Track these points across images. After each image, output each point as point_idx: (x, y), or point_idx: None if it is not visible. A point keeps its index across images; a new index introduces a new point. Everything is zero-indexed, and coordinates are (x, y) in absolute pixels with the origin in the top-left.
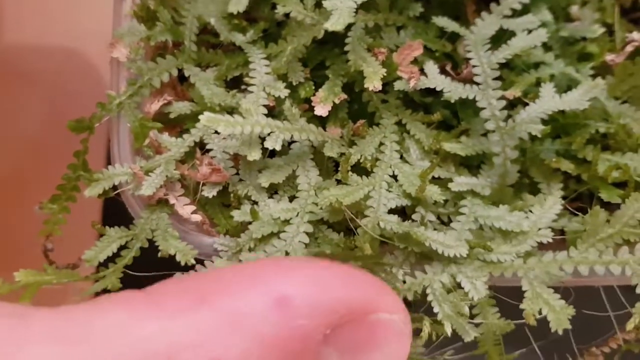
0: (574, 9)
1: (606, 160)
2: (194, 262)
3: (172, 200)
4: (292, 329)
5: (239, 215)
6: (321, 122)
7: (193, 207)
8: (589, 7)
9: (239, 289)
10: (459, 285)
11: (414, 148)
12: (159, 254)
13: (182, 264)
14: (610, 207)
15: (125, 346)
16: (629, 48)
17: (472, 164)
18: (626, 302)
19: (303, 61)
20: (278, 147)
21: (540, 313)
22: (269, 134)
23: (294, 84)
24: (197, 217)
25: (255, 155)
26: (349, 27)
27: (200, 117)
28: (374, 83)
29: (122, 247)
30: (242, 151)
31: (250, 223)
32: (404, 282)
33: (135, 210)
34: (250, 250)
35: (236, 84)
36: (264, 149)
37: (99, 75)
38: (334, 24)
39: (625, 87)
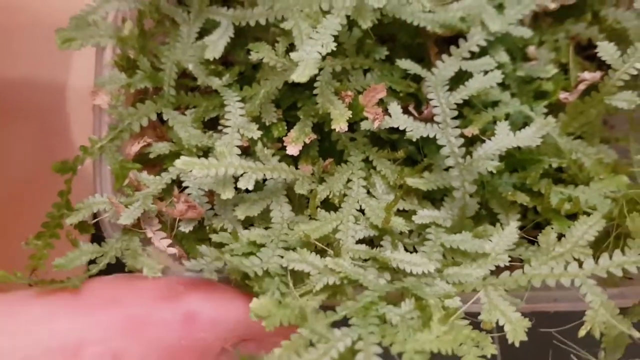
0: (531, 49)
1: (559, 192)
2: None
3: (149, 234)
4: (195, 340)
5: (218, 238)
6: (294, 159)
7: (169, 241)
8: (545, 46)
9: (153, 297)
10: None
11: (380, 183)
12: (126, 269)
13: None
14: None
15: (38, 340)
16: (582, 86)
17: (436, 197)
18: None
19: (276, 102)
20: (250, 187)
21: (497, 323)
22: (242, 175)
23: (267, 124)
24: (173, 250)
25: (228, 194)
26: (318, 71)
27: (176, 160)
28: (340, 125)
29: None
30: (216, 189)
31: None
32: None
33: (109, 233)
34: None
35: (213, 124)
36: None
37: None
38: (299, 76)
39: (576, 124)
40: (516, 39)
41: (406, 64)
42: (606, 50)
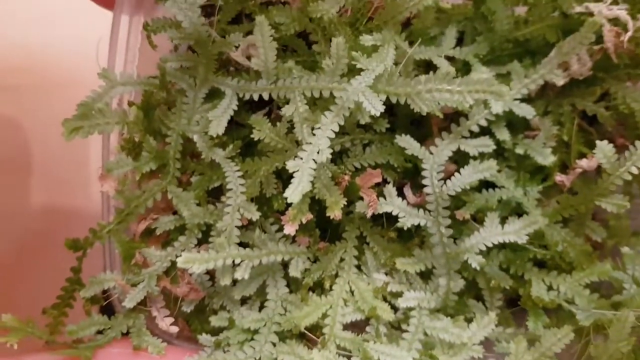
0: (535, 120)
1: (541, 280)
2: None
3: (154, 312)
4: None
5: (216, 320)
6: None
7: (172, 319)
8: (550, 117)
9: None
10: None
11: (372, 260)
12: (132, 347)
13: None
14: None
15: None
16: (577, 171)
17: (425, 271)
18: None
19: (277, 171)
20: (247, 277)
21: None
22: (240, 263)
23: (268, 196)
24: (175, 329)
25: (227, 280)
26: None
27: (178, 258)
28: (334, 212)
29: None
30: (216, 274)
31: (224, 328)
32: None
33: (118, 308)
34: (224, 351)
35: (218, 191)
36: None
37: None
38: (292, 196)
39: (565, 214)
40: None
41: (405, 142)
42: (604, 151)
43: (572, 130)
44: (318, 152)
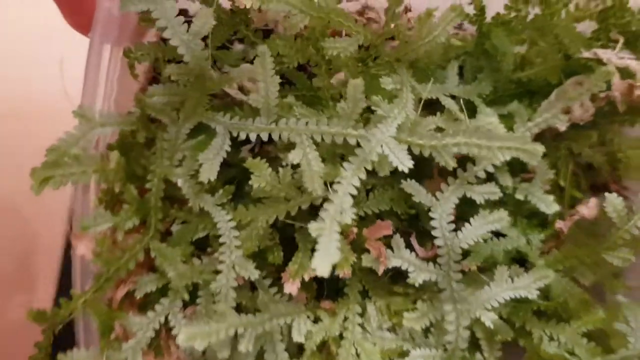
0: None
1: (542, 330)
2: None
3: None
4: None
5: None
6: None
7: None
8: (546, 160)
9: None
10: None
11: (375, 316)
12: None
13: None
14: None
15: None
16: (576, 217)
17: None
18: None
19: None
20: (251, 348)
21: None
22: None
23: (262, 248)
24: None
25: (226, 354)
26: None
27: (179, 337)
28: (344, 270)
29: None
30: (213, 347)
31: None
32: None
33: None
34: None
35: (204, 240)
36: None
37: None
38: (322, 267)
39: (567, 264)
40: None
41: (411, 188)
42: (613, 205)
43: (568, 175)
44: (341, 213)
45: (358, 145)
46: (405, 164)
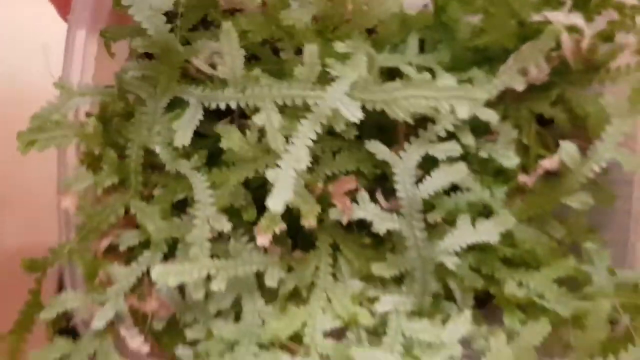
0: (495, 124)
1: (511, 278)
2: None
3: (122, 333)
4: None
5: (193, 333)
6: None
7: (142, 339)
8: (509, 121)
9: None
10: None
11: (346, 268)
12: None
13: None
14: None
15: None
16: (540, 171)
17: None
18: None
19: (245, 184)
20: (223, 288)
21: None
22: (215, 274)
23: (237, 207)
24: (146, 348)
25: (200, 294)
26: None
27: (152, 272)
28: (309, 220)
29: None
30: (187, 289)
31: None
32: None
33: (83, 330)
34: None
35: (183, 204)
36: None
37: None
38: (275, 204)
39: (531, 213)
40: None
41: (374, 147)
42: (567, 151)
43: (531, 133)
44: (297, 161)
45: (316, 105)
46: (356, 114)
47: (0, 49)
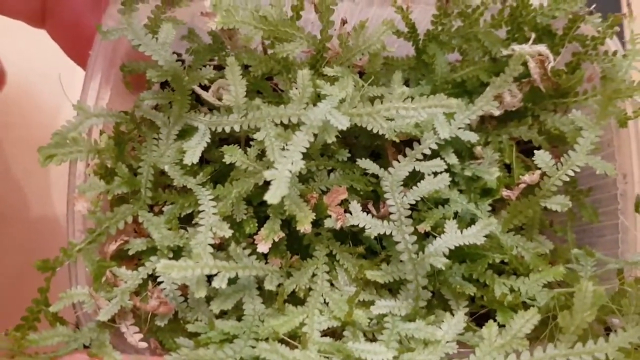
0: (478, 149)
1: (502, 284)
2: None
3: (123, 329)
4: None
5: (193, 327)
6: (264, 253)
7: (141, 335)
8: (491, 146)
9: None
10: None
11: (343, 275)
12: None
13: None
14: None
15: None
16: (522, 186)
17: (393, 287)
18: None
19: (247, 199)
20: (224, 286)
21: None
22: (216, 274)
23: (238, 220)
24: (144, 345)
25: (202, 292)
26: None
27: (157, 265)
28: (304, 226)
29: None
30: (190, 287)
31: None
32: None
33: (83, 323)
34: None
35: (190, 218)
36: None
37: None
38: (272, 197)
39: (516, 222)
40: (464, 141)
41: (365, 164)
42: (542, 158)
43: (512, 155)
44: (292, 163)
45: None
46: (343, 124)
47: None
